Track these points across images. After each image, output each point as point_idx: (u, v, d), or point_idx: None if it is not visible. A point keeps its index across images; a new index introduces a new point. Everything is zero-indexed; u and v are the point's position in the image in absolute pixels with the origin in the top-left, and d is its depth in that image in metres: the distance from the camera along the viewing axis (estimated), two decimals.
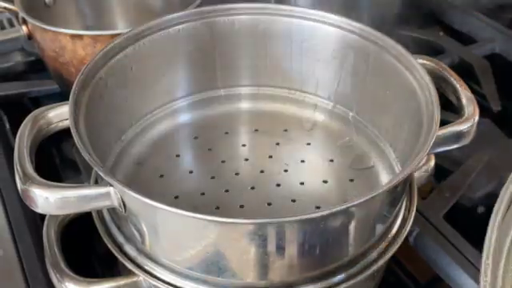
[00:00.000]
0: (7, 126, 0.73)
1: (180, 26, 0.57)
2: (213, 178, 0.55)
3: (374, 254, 0.44)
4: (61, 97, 0.75)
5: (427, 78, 0.47)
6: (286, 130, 0.59)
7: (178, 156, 0.57)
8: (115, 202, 0.41)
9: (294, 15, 0.57)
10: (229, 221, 0.38)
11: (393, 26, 0.86)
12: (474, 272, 0.51)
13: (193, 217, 0.38)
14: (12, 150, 0.46)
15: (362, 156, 0.56)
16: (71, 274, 0.45)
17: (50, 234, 0.49)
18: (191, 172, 0.55)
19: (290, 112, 0.61)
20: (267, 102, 0.62)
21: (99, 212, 0.48)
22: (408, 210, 0.48)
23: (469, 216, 0.60)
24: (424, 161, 0.53)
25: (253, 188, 0.52)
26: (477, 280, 0.51)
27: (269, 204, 0.51)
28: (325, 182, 0.53)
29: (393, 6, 0.84)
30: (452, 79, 0.51)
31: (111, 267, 0.51)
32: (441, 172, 0.58)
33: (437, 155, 0.54)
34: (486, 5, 0.91)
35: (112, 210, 0.46)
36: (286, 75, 0.61)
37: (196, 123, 0.60)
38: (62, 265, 0.46)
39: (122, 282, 0.45)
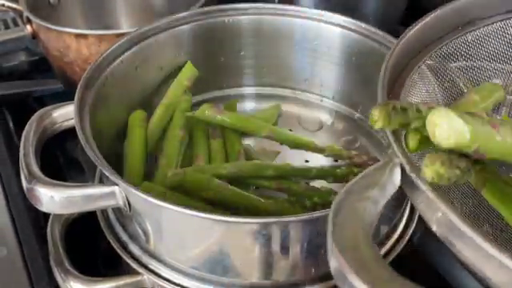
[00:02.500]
0: (11, 125, 0.74)
1: (184, 27, 0.57)
2: None
3: None
4: (65, 96, 0.74)
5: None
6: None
7: None
8: (120, 202, 0.41)
9: (298, 15, 0.57)
10: (233, 220, 0.38)
11: (396, 26, 0.86)
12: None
13: (197, 216, 0.38)
14: (16, 149, 0.46)
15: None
16: (75, 272, 0.45)
17: (54, 233, 0.49)
18: None
19: (294, 112, 0.61)
20: (271, 102, 0.62)
21: (104, 211, 0.48)
22: (412, 210, 0.48)
23: None
24: None
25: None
26: (481, 281, 0.50)
27: None
28: (329, 182, 0.53)
29: (396, 5, 0.84)
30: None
31: (115, 266, 0.51)
32: None
33: None
34: None
35: (117, 210, 0.46)
36: (289, 75, 0.61)
37: None
38: (67, 264, 0.46)
39: (126, 280, 0.45)
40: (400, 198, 0.45)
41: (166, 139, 0.53)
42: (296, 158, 0.55)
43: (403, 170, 0.31)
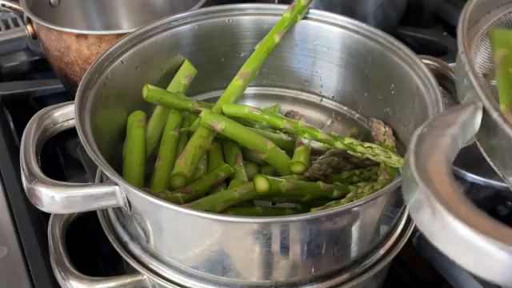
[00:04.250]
0: (12, 125, 0.74)
1: (184, 27, 0.57)
2: None
3: (378, 255, 0.44)
4: (65, 96, 0.75)
5: (431, 78, 0.47)
6: None
7: None
8: (120, 201, 0.41)
9: None
10: (233, 220, 0.39)
11: (396, 26, 0.86)
12: None
13: (198, 216, 0.38)
14: (17, 149, 0.47)
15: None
16: (76, 272, 0.46)
17: (54, 233, 0.49)
18: None
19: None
20: (272, 103, 0.62)
21: (104, 211, 0.48)
22: None
23: None
24: None
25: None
26: (480, 280, 0.51)
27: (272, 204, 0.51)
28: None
29: (396, 5, 0.84)
30: None
31: (116, 266, 0.51)
32: None
33: None
34: None
35: (117, 209, 0.46)
36: (289, 75, 0.61)
37: None
38: (67, 263, 0.46)
39: (126, 280, 0.45)
40: (400, 198, 0.45)
41: (161, 141, 0.53)
42: None
43: (485, 115, 0.31)
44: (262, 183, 0.46)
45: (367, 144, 0.50)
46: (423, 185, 0.26)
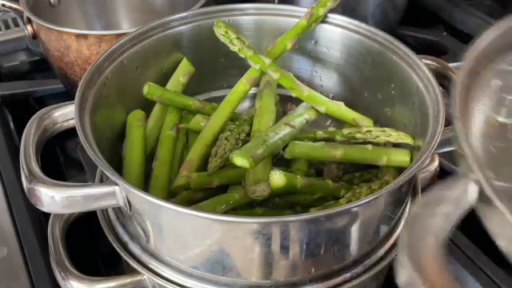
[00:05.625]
0: (12, 125, 0.74)
1: (184, 27, 0.57)
2: None
3: (378, 255, 0.44)
4: (65, 96, 0.75)
5: (431, 78, 0.47)
6: None
7: None
8: (120, 201, 0.41)
9: (298, 15, 0.57)
10: (233, 220, 0.39)
11: (396, 26, 0.86)
12: (477, 271, 0.51)
13: (198, 216, 0.38)
14: (17, 149, 0.47)
15: None
16: (75, 272, 0.46)
17: (54, 233, 0.49)
18: None
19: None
20: None
21: (104, 211, 0.48)
22: None
23: (473, 216, 0.60)
24: (428, 161, 0.53)
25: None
26: (480, 280, 0.51)
27: None
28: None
29: (395, 5, 0.84)
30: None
31: (116, 266, 0.51)
32: (445, 172, 0.58)
33: (441, 155, 0.54)
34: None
35: (117, 209, 0.46)
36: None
37: None
38: (67, 263, 0.46)
39: (126, 280, 0.45)
40: (400, 198, 0.45)
41: (159, 141, 0.53)
42: None
43: (480, 188, 0.30)
44: (278, 179, 0.45)
45: (365, 129, 0.51)
46: (413, 270, 0.27)
